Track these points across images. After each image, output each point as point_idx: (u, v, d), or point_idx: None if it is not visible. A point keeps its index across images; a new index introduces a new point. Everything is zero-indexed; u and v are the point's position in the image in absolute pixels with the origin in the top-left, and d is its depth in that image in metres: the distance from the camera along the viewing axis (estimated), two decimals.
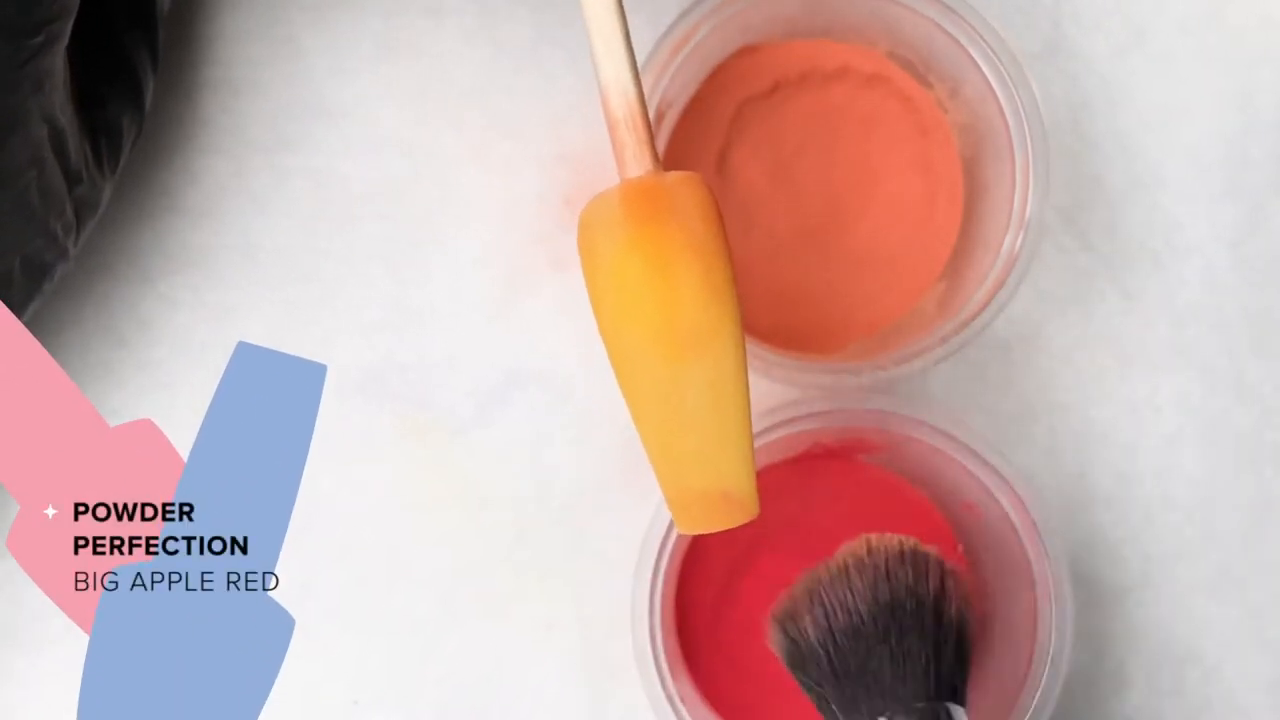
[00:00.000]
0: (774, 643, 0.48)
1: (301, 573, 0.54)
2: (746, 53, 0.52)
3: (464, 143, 0.54)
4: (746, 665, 0.53)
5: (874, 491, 0.53)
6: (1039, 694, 0.50)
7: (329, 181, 0.54)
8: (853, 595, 0.47)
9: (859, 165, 0.53)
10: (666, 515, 0.50)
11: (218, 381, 0.54)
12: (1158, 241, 0.55)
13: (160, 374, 0.54)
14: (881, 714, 0.46)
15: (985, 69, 0.50)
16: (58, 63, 0.46)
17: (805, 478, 0.53)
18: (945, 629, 0.46)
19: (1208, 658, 0.54)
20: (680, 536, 0.50)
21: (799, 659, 0.47)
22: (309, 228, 0.54)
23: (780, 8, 0.51)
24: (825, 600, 0.47)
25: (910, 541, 0.47)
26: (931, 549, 0.47)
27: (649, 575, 0.50)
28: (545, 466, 0.54)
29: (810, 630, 0.47)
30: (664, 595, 0.50)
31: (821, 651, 0.47)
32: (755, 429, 0.50)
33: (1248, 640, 0.54)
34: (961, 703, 0.46)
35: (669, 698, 0.50)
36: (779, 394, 0.54)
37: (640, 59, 0.50)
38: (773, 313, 0.53)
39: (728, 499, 0.42)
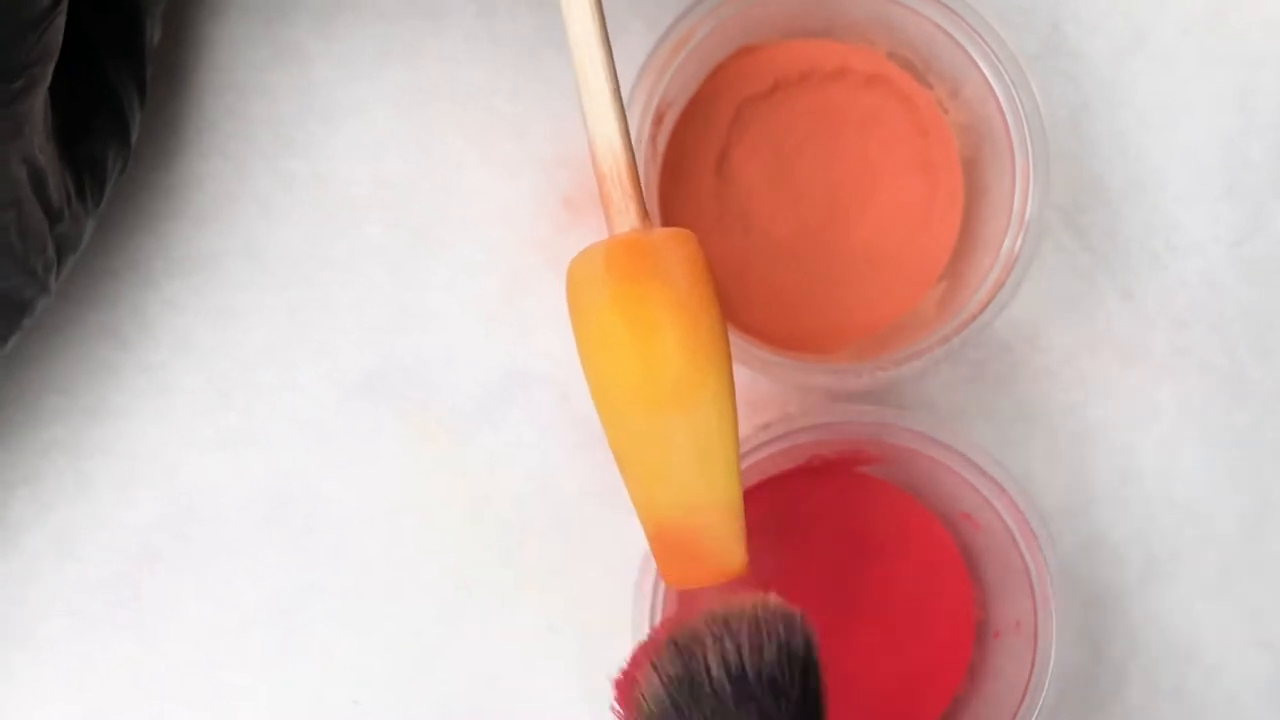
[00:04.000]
0: (659, 668, 0.42)
1: (302, 573, 0.54)
2: (746, 53, 0.53)
3: (466, 145, 0.54)
4: None
5: (873, 503, 0.53)
6: (1040, 704, 0.50)
7: (332, 185, 0.54)
8: (764, 641, 0.42)
9: (859, 165, 0.53)
10: None
11: (221, 386, 0.54)
12: (1158, 241, 0.54)
13: (163, 376, 0.54)
14: None
15: (985, 69, 0.50)
16: (38, 106, 0.45)
17: (804, 490, 0.53)
18: (820, 704, 0.43)
19: (1208, 658, 0.54)
20: None
21: (689, 689, 0.42)
22: (312, 231, 0.54)
23: (780, 8, 0.51)
24: (734, 636, 0.42)
25: (800, 612, 0.43)
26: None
27: (649, 589, 0.50)
28: (547, 467, 0.54)
29: (715, 661, 0.42)
30: (664, 610, 0.50)
31: (723, 684, 0.42)
32: (754, 442, 0.50)
33: (1248, 640, 0.54)
34: None
35: None
36: (778, 396, 0.54)
37: (640, 59, 0.50)
38: (772, 313, 0.53)
39: (712, 556, 0.42)
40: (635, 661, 0.43)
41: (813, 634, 0.43)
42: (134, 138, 0.51)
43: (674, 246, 0.42)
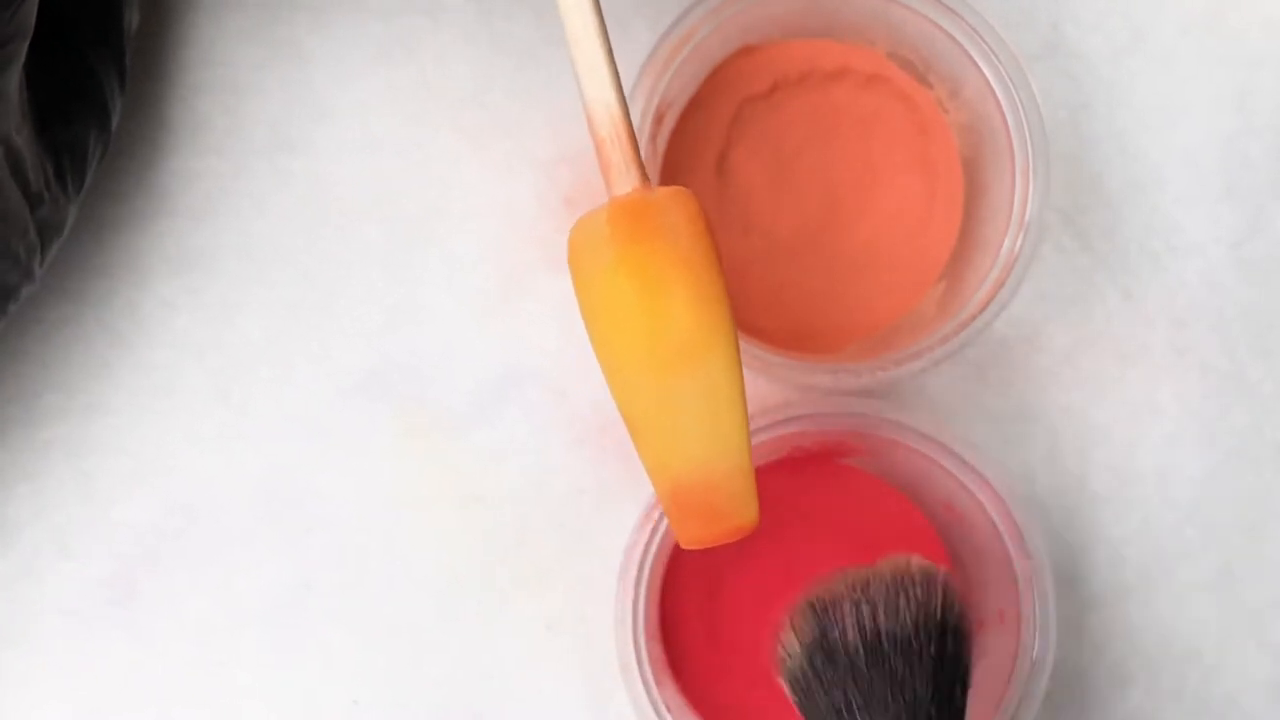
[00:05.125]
0: (798, 631, 0.47)
1: (301, 573, 0.54)
2: (746, 53, 0.52)
3: (463, 143, 0.54)
4: (733, 669, 0.53)
5: (856, 494, 0.53)
6: (1022, 693, 0.50)
7: (328, 183, 0.54)
8: (901, 604, 0.46)
9: (859, 165, 0.53)
10: (648, 522, 0.50)
11: (218, 384, 0.54)
12: (1158, 242, 0.55)
13: (160, 375, 0.54)
14: None
15: (985, 69, 0.50)
16: (12, 85, 0.45)
17: (786, 482, 0.53)
18: (959, 667, 0.46)
19: (1208, 658, 0.54)
20: (662, 543, 0.50)
21: (824, 653, 0.46)
22: (308, 229, 0.54)
23: (780, 8, 0.51)
24: (870, 600, 0.46)
25: (943, 574, 0.47)
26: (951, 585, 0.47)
27: (631, 582, 0.50)
28: (544, 466, 0.54)
29: (850, 626, 0.46)
30: (648, 602, 0.50)
31: (858, 649, 0.46)
32: None
33: (1248, 640, 0.54)
34: None
35: (654, 706, 0.50)
36: (778, 396, 0.54)
37: (640, 59, 0.50)
38: (772, 313, 0.53)
39: (726, 513, 0.42)
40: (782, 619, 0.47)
41: (954, 595, 0.46)
42: (115, 122, 0.51)
43: (676, 205, 0.42)
